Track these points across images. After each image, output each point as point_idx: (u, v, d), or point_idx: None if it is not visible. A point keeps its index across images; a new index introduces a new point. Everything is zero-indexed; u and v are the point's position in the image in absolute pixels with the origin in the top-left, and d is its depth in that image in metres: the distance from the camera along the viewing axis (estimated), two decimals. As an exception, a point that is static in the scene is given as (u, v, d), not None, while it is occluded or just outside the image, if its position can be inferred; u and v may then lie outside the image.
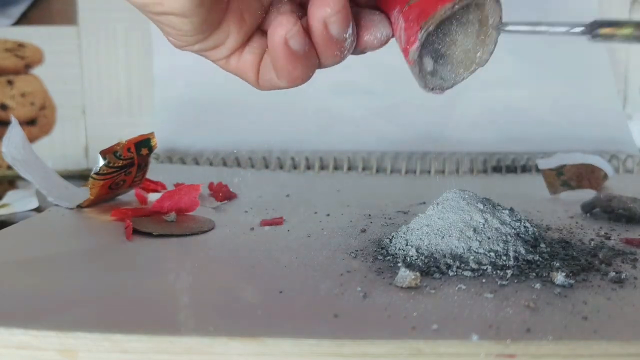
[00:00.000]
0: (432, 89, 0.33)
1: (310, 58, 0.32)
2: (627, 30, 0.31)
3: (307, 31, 0.31)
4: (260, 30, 0.33)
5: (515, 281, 0.31)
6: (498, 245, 0.33)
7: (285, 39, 0.30)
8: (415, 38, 0.31)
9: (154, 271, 0.33)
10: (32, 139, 0.75)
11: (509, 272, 0.31)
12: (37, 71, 0.76)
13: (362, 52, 0.33)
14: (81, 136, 0.77)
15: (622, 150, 0.70)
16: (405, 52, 0.32)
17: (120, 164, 0.43)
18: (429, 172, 0.66)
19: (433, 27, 0.31)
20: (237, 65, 0.33)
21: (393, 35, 0.33)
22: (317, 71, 0.34)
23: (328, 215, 0.45)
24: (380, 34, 0.32)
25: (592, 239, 0.38)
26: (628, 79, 0.79)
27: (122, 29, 0.76)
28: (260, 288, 0.30)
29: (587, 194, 0.49)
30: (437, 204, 0.36)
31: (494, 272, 0.32)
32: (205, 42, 0.32)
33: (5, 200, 0.55)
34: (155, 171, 0.50)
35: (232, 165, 0.68)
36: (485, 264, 0.32)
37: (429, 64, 0.32)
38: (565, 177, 0.51)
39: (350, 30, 0.31)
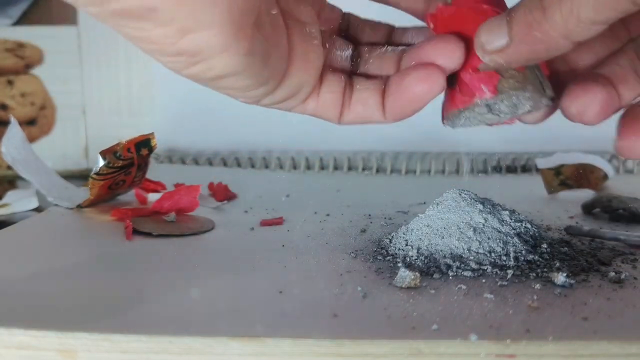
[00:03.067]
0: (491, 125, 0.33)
1: None
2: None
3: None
4: (329, 65, 0.32)
5: (516, 281, 0.31)
6: (498, 245, 0.33)
7: (429, 97, 0.30)
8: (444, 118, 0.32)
9: (154, 271, 0.33)
10: (32, 139, 0.75)
11: (509, 272, 0.31)
12: (37, 71, 0.76)
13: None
14: (81, 136, 0.77)
15: (622, 150, 0.69)
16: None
17: (120, 164, 0.43)
18: (429, 172, 0.66)
19: (450, 125, 0.32)
20: (315, 107, 0.32)
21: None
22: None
23: (328, 215, 0.45)
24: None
25: (592, 239, 0.38)
26: (628, 79, 0.79)
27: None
28: (260, 288, 0.30)
29: (587, 194, 0.49)
30: (437, 204, 0.36)
31: (494, 273, 0.31)
32: (276, 92, 0.30)
33: (5, 200, 0.55)
34: (155, 171, 0.50)
35: (232, 165, 0.68)
36: (485, 264, 0.32)
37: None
38: (563, 177, 0.51)
39: None
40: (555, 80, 0.31)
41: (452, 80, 0.31)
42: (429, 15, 0.31)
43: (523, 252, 0.33)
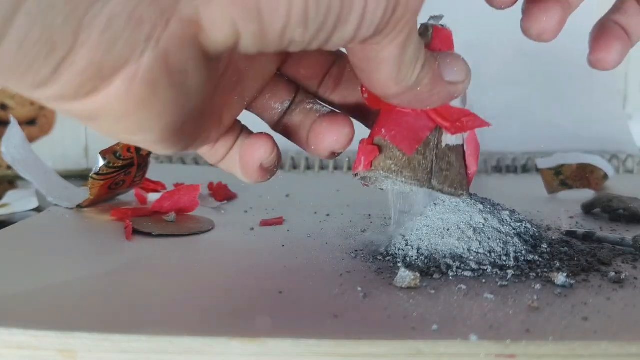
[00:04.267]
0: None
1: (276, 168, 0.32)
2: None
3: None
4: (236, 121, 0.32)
5: (516, 281, 0.31)
6: (498, 245, 0.33)
7: (261, 164, 0.30)
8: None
9: (154, 271, 0.33)
10: (32, 139, 0.75)
11: (510, 272, 0.31)
12: (37, 71, 0.76)
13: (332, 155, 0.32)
14: (81, 136, 0.77)
15: (622, 150, 0.70)
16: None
17: (120, 164, 0.43)
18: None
19: (360, 179, 0.33)
20: (205, 153, 0.31)
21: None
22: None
23: (328, 215, 0.45)
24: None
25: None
26: (628, 78, 0.79)
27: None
28: (260, 288, 0.30)
29: (586, 194, 0.49)
30: (436, 204, 0.36)
31: (494, 273, 0.31)
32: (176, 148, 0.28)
33: (5, 200, 0.55)
34: (155, 171, 0.50)
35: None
36: (485, 264, 0.32)
37: None
38: (563, 177, 0.51)
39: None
40: None
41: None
42: (362, 85, 0.31)
43: (523, 252, 0.33)
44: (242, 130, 0.31)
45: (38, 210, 0.52)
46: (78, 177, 0.60)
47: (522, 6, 0.32)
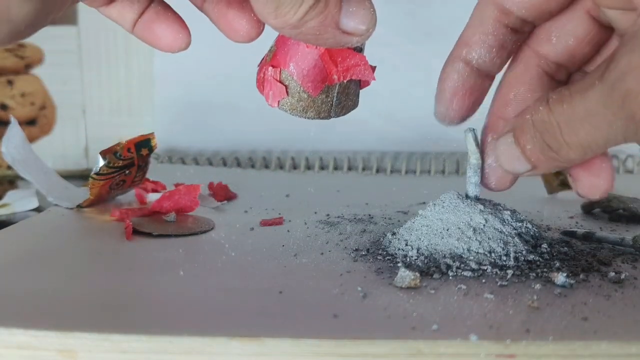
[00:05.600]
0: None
1: None
2: None
3: None
4: None
5: (516, 281, 0.31)
6: (498, 245, 0.33)
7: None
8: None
9: (154, 271, 0.33)
10: (32, 139, 0.75)
11: (509, 272, 0.31)
12: (37, 71, 0.76)
13: None
14: (81, 136, 0.77)
15: (622, 150, 0.69)
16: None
17: (120, 164, 0.43)
18: (429, 172, 0.66)
19: None
20: (114, 18, 0.31)
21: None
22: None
23: (328, 215, 0.45)
24: None
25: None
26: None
27: (122, 29, 0.76)
28: (260, 288, 0.30)
29: (587, 194, 0.49)
30: (435, 204, 0.36)
31: (494, 273, 0.31)
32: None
33: (5, 200, 0.55)
34: (155, 171, 0.50)
35: (232, 165, 0.68)
36: (485, 264, 0.32)
37: None
38: (563, 177, 0.51)
39: None
40: None
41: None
42: None
43: (523, 252, 0.33)
44: None
45: (38, 210, 0.52)
46: (78, 177, 0.59)
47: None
